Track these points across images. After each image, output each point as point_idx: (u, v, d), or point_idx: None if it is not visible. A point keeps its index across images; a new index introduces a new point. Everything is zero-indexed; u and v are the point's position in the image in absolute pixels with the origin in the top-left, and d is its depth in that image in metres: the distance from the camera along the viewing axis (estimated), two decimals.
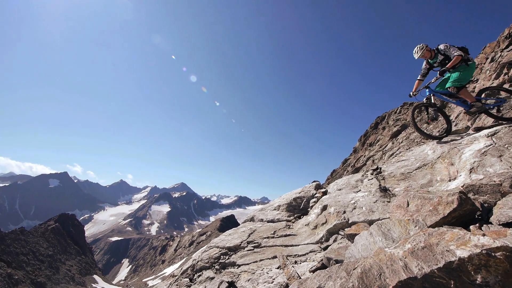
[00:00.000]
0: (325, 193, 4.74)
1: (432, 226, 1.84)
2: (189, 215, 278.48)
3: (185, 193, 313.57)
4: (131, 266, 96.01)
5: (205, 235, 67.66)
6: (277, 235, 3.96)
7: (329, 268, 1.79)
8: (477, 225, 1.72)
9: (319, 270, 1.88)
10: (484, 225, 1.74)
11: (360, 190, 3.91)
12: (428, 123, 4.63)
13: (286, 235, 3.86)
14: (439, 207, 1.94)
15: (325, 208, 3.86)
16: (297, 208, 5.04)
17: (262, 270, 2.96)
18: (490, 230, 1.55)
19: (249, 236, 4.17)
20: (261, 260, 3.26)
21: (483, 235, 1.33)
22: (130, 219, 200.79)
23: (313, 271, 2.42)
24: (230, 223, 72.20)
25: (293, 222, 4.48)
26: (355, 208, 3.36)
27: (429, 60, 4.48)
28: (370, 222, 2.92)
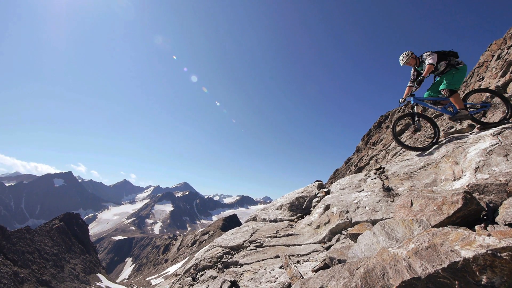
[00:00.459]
0: (327, 192, 4.72)
1: (436, 226, 1.82)
2: (191, 214, 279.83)
3: (187, 193, 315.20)
4: (134, 265, 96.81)
5: (207, 234, 67.90)
6: (279, 234, 3.95)
7: (331, 268, 1.78)
8: (482, 225, 1.70)
9: (321, 270, 1.88)
10: (489, 225, 1.72)
11: (363, 190, 3.88)
12: (413, 133, 4.48)
13: (288, 235, 3.86)
14: (443, 206, 1.92)
15: (327, 207, 3.85)
16: (300, 208, 5.03)
17: (265, 270, 2.96)
18: (495, 230, 1.53)
19: (251, 235, 4.17)
20: (263, 260, 3.26)
21: (489, 235, 1.31)
22: (133, 219, 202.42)
23: (315, 270, 2.41)
24: (232, 222, 72.36)
25: (295, 222, 4.47)
26: (358, 207, 3.34)
27: (416, 67, 4.47)
28: (373, 222, 2.90)
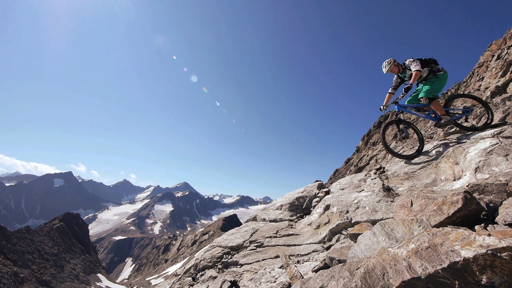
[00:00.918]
0: (327, 192, 4.72)
1: (436, 226, 1.82)
2: (191, 214, 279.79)
3: (187, 193, 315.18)
4: (134, 265, 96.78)
5: (207, 234, 67.89)
6: (279, 234, 3.95)
7: (332, 268, 1.78)
8: (482, 225, 1.70)
9: (321, 270, 1.88)
10: (489, 225, 1.72)
11: (363, 190, 3.88)
12: (400, 141, 4.48)
13: (288, 235, 3.86)
14: (443, 206, 1.92)
15: (327, 207, 3.85)
16: (300, 208, 5.03)
17: (265, 270, 2.96)
18: (495, 230, 1.53)
19: (251, 235, 4.17)
20: (263, 260, 3.26)
21: (489, 235, 1.31)
22: (133, 219, 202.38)
23: (315, 270, 2.41)
24: (232, 222, 72.33)
25: (295, 222, 4.47)
26: (358, 207, 3.34)
27: (399, 74, 4.48)
28: (373, 222, 2.90)
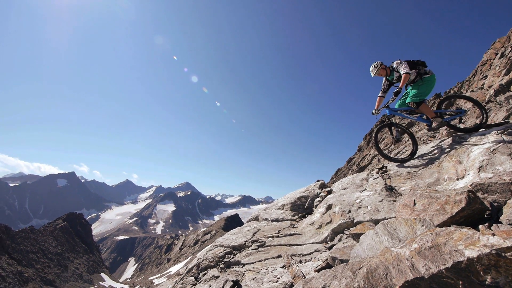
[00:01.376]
0: (329, 192, 4.71)
1: (440, 226, 1.81)
2: (193, 214, 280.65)
3: (189, 193, 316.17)
4: (137, 264, 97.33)
5: (209, 234, 68.05)
6: (281, 234, 3.95)
7: (334, 267, 1.77)
8: (486, 224, 1.69)
9: (324, 270, 1.87)
10: (493, 224, 1.70)
11: (365, 189, 3.87)
12: (393, 144, 4.44)
13: (290, 234, 3.85)
14: (446, 206, 1.90)
15: (329, 207, 3.84)
16: (302, 208, 5.02)
17: (267, 269, 2.96)
18: (500, 230, 1.51)
19: (253, 235, 4.17)
20: (265, 259, 3.26)
21: (493, 234, 1.30)
22: (136, 218, 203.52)
23: (318, 270, 2.40)
24: (234, 222, 72.45)
25: (297, 222, 4.47)
26: (360, 207, 3.33)
27: (387, 77, 4.44)
28: (376, 222, 2.89)
